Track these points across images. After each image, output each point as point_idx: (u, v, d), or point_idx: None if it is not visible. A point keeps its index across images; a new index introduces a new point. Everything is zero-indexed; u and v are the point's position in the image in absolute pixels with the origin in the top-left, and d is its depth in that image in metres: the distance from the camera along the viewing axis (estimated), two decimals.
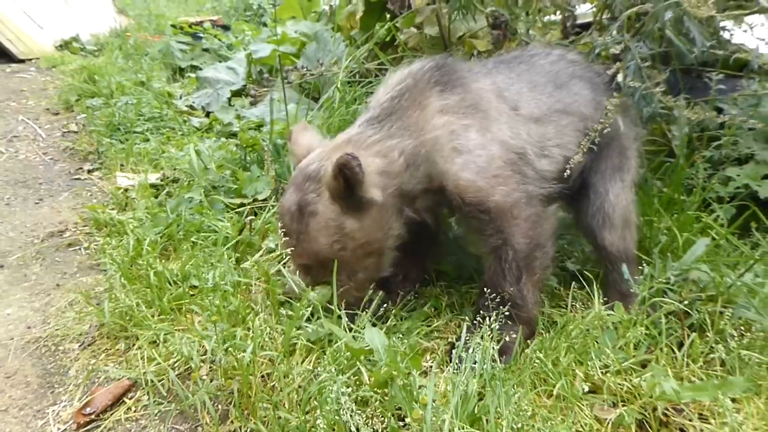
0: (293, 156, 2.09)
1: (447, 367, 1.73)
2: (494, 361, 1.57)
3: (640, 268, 1.94)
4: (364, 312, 1.83)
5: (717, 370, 1.72)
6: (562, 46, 2.58)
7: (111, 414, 1.70)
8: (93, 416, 1.68)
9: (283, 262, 2.20)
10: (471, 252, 2.27)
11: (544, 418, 1.49)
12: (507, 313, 1.70)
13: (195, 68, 6.29)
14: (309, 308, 1.77)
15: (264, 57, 4.87)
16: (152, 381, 1.74)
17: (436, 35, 3.31)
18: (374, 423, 1.44)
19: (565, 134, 2.01)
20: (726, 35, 2.44)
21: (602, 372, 1.64)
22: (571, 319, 1.83)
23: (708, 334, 1.81)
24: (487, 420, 1.42)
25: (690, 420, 1.54)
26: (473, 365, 1.55)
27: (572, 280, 2.11)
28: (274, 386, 1.67)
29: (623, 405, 1.59)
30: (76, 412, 1.69)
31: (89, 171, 3.74)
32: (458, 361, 1.61)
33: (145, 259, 2.22)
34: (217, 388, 1.70)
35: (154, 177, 3.29)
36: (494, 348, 1.58)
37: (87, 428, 1.66)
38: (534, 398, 1.60)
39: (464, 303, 2.16)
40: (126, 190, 3.20)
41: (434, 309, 2.09)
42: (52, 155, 4.07)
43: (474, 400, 1.46)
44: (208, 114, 4.61)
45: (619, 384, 1.63)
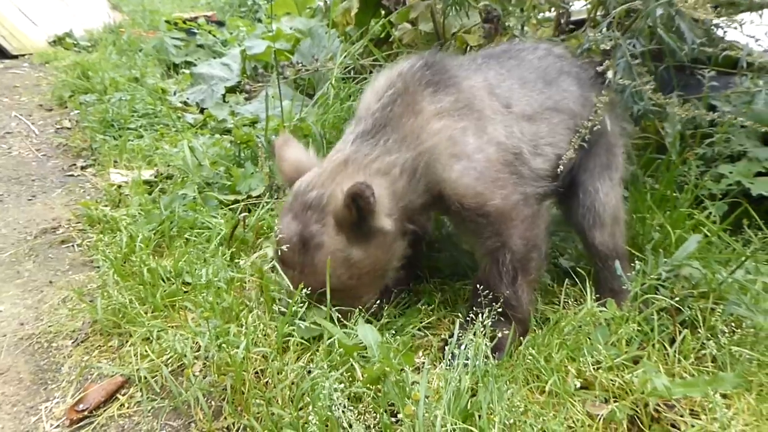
0: (281, 173, 2.01)
1: (440, 364, 1.73)
2: (487, 358, 1.58)
3: (632, 265, 1.95)
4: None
5: (708, 367, 1.73)
6: (549, 41, 2.57)
7: (104, 410, 1.70)
8: (86, 413, 1.68)
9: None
10: (464, 248, 2.27)
11: (537, 414, 1.50)
12: (501, 311, 1.69)
13: (189, 64, 6.26)
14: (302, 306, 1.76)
15: (259, 53, 4.86)
16: (145, 377, 1.74)
17: (431, 31, 3.30)
18: (366, 419, 1.45)
19: (557, 132, 1.99)
20: (719, 32, 2.44)
21: (594, 368, 1.65)
22: (564, 316, 1.84)
23: (699, 331, 1.81)
24: (480, 416, 1.42)
25: (681, 416, 1.55)
26: (466, 361, 1.55)
27: (565, 277, 2.11)
28: (268, 383, 1.67)
29: (615, 401, 1.59)
30: (69, 409, 1.69)
31: (82, 167, 3.73)
32: (451, 358, 1.61)
33: (139, 256, 2.22)
34: (211, 385, 1.70)
35: (148, 173, 3.28)
36: (487, 344, 1.59)
37: (80, 425, 1.66)
38: (526, 394, 1.61)
39: (458, 299, 2.16)
40: (119, 187, 3.19)
41: (428, 305, 2.09)
42: (45, 152, 4.05)
43: (466, 396, 1.47)
44: (203, 110, 4.59)
45: (611, 380, 1.63)
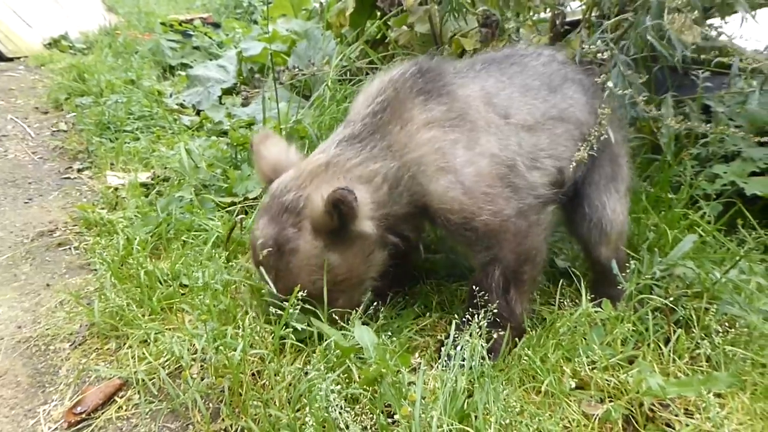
0: (259, 171, 1.96)
1: (436, 365, 1.74)
2: (483, 359, 1.58)
3: (627, 266, 1.96)
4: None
5: (702, 366, 1.75)
6: (551, 47, 2.58)
7: (102, 413, 1.70)
8: (84, 415, 1.68)
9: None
10: (460, 250, 2.28)
11: (532, 414, 1.51)
12: (495, 314, 1.67)
13: (185, 66, 6.26)
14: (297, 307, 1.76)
15: (255, 55, 4.87)
16: (143, 380, 1.74)
17: (427, 32, 3.32)
18: (363, 420, 1.45)
19: (560, 143, 1.91)
20: (713, 33, 2.45)
21: (590, 368, 1.66)
22: (560, 316, 1.85)
23: (694, 331, 1.83)
24: (476, 416, 1.43)
25: (676, 415, 1.56)
26: (462, 362, 1.56)
27: (561, 277, 2.12)
28: (265, 384, 1.67)
29: (610, 401, 1.60)
30: (67, 411, 1.69)
31: (79, 170, 3.72)
32: (447, 359, 1.62)
33: (136, 259, 2.22)
34: (208, 387, 1.71)
35: (145, 176, 3.29)
36: (483, 345, 1.59)
37: (78, 427, 1.66)
38: (522, 395, 1.62)
39: (454, 301, 2.17)
40: (116, 189, 3.19)
41: (424, 307, 2.10)
42: (42, 154, 4.04)
43: (463, 397, 1.47)
44: (199, 112, 4.59)
45: (607, 380, 1.64)
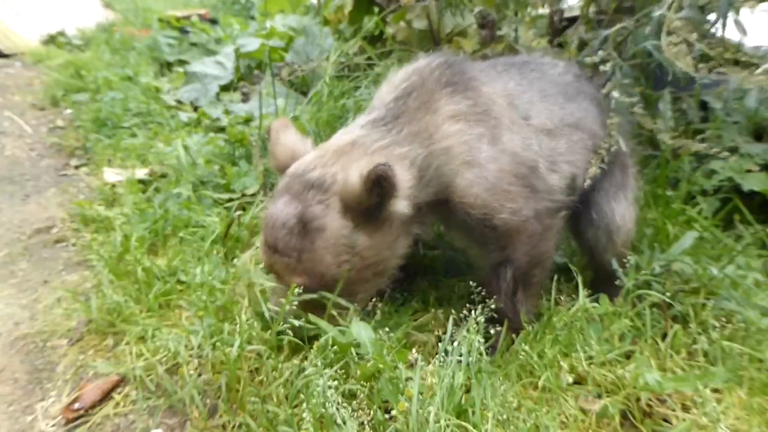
0: (274, 157, 1.90)
1: (433, 360, 1.74)
2: (480, 355, 1.58)
3: (624, 261, 1.96)
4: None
5: (699, 361, 1.75)
6: (563, 59, 2.55)
7: (100, 409, 1.70)
8: (82, 411, 1.68)
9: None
10: (458, 246, 2.28)
11: (530, 410, 1.51)
12: (495, 310, 1.68)
13: (183, 62, 6.22)
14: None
15: (252, 51, 4.85)
16: (141, 376, 1.75)
17: (425, 28, 3.31)
18: (360, 415, 1.45)
19: (575, 151, 1.92)
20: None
21: (587, 363, 1.66)
22: (557, 312, 1.84)
23: (691, 326, 1.83)
24: (473, 412, 1.43)
25: (673, 410, 1.57)
26: (459, 358, 1.56)
27: (558, 273, 2.12)
28: (262, 380, 1.67)
29: (607, 396, 1.61)
30: (65, 408, 1.70)
31: (76, 167, 3.72)
32: (444, 354, 1.62)
33: (133, 255, 2.22)
34: (206, 383, 1.71)
35: (142, 172, 3.27)
36: (480, 341, 1.59)
37: (76, 423, 1.66)
38: (520, 390, 1.62)
39: (452, 297, 2.17)
40: (113, 186, 3.18)
41: (422, 303, 2.10)
42: (39, 151, 4.03)
43: (460, 393, 1.47)
44: (196, 109, 4.57)
45: (604, 375, 1.64)
